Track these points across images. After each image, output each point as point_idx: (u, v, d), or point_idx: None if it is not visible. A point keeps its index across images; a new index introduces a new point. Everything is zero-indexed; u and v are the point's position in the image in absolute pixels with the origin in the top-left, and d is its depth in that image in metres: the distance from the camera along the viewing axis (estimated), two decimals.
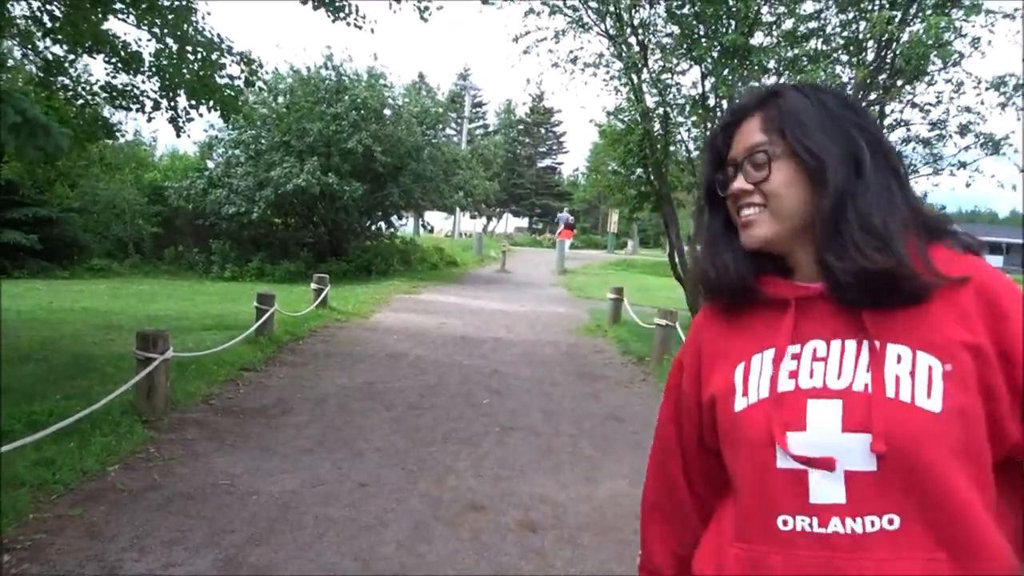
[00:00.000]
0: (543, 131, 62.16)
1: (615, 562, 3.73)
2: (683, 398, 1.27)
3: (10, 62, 6.12)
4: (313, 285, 12.18)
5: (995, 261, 47.06)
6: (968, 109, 10.27)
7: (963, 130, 10.42)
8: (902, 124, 11.05)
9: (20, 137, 2.96)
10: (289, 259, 20.22)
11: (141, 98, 7.01)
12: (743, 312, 1.17)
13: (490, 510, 4.28)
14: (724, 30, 10.25)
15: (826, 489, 1.00)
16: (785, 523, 1.02)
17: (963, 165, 10.61)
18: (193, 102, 6.94)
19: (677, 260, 12.30)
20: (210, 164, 21.17)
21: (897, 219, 1.06)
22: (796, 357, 1.07)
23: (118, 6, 5.99)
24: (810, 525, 1.00)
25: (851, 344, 1.04)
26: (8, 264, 16.40)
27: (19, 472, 4.19)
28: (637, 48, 11.05)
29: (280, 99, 20.02)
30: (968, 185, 10.55)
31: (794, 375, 1.06)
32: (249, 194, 19.30)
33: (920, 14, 9.54)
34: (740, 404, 1.10)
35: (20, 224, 16.46)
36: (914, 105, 10.79)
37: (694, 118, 11.55)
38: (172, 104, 6.96)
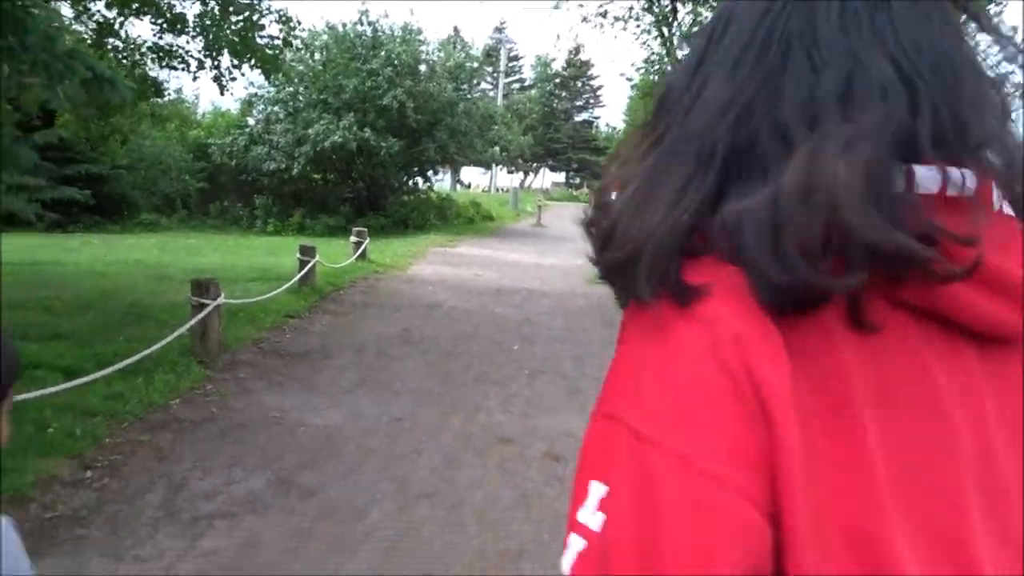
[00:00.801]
0: (579, 84, 61.54)
1: None
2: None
3: (67, 23, 6.48)
4: (352, 238, 12.60)
5: None
6: None
7: None
8: None
9: (91, 91, 3.30)
10: (328, 214, 20.69)
11: (186, 58, 7.36)
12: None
13: (517, 443, 4.65)
14: None
15: None
16: None
17: None
18: (235, 61, 7.29)
19: None
20: (250, 121, 21.62)
21: None
22: None
23: None
24: None
25: None
26: (63, 219, 17.10)
27: (93, 404, 4.65)
28: (667, 1, 11.09)
29: (316, 56, 20.28)
30: None
31: None
32: (289, 150, 19.73)
33: None
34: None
35: (74, 181, 17.10)
36: None
37: None
38: (216, 63, 7.31)
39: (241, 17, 6.81)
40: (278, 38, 7.38)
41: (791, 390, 0.48)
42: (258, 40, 7.00)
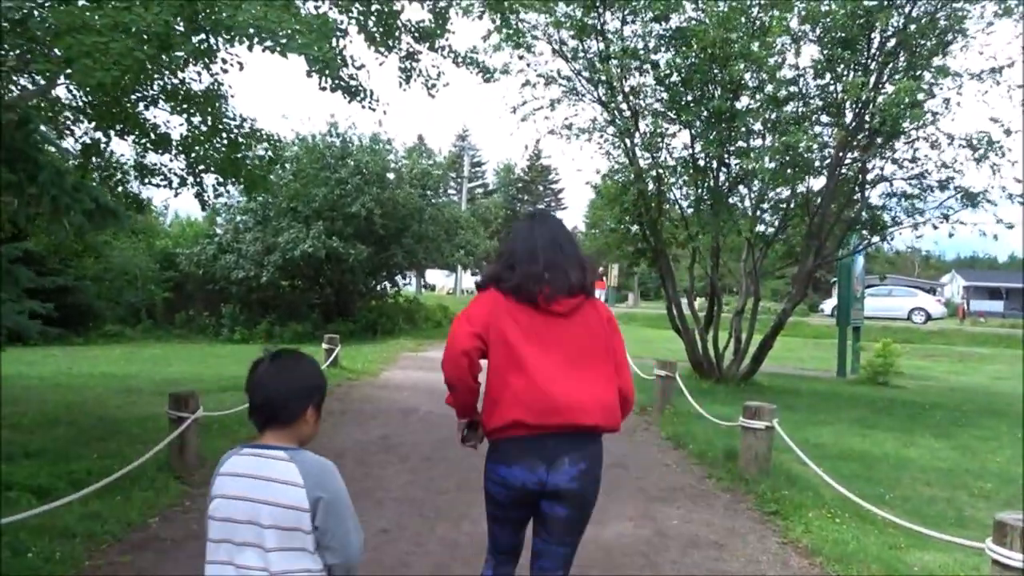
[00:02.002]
0: (541, 189, 63.23)
1: None
2: None
3: (58, 147, 6.64)
4: (324, 345, 12.59)
5: (995, 306, 47.40)
6: (945, 165, 10.84)
7: (942, 185, 10.97)
8: (884, 180, 11.62)
9: (94, 220, 3.41)
10: (297, 320, 20.67)
11: (168, 175, 7.53)
12: None
13: None
14: (710, 96, 10.86)
15: None
16: None
17: (945, 217, 11.13)
18: (220, 179, 7.48)
19: (675, 312, 12.73)
20: (218, 230, 21.79)
21: None
22: None
23: (152, 94, 6.57)
24: None
25: None
26: (23, 334, 16.81)
27: (70, 524, 4.54)
28: (629, 113, 11.68)
29: (287, 166, 20.70)
30: (951, 235, 11.06)
31: None
32: (258, 259, 19.85)
33: (892, 77, 10.16)
34: None
35: (37, 293, 16.93)
36: (894, 161, 11.36)
37: (685, 177, 12.12)
38: (198, 180, 7.49)
39: (228, 138, 7.05)
40: (264, 157, 7.63)
41: (496, 311, 2.70)
42: (246, 160, 7.23)
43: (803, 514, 5.24)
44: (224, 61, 6.44)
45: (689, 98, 11.35)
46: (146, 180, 7.50)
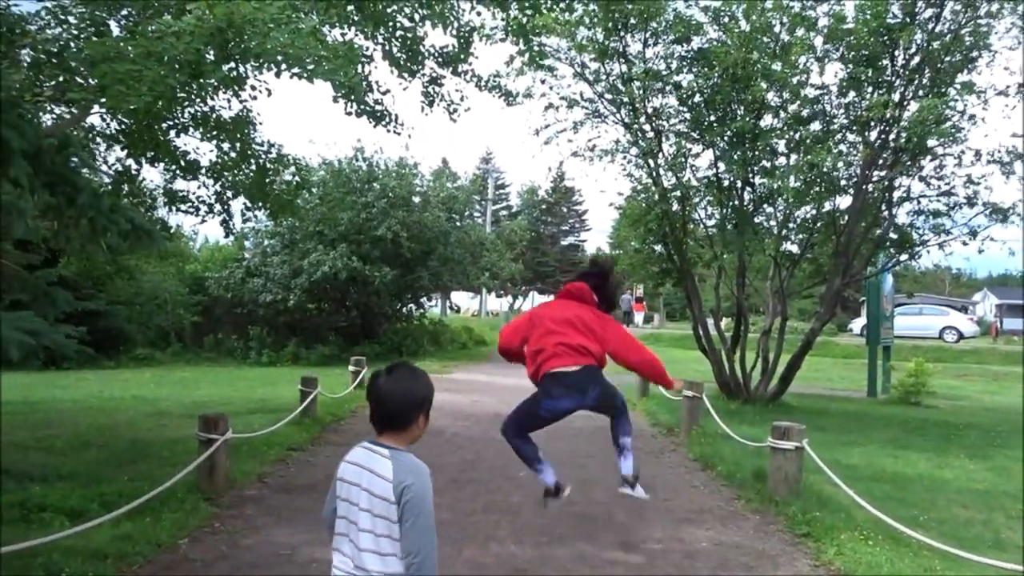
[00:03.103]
0: (565, 210, 63.31)
1: None
2: None
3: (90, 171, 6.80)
4: (351, 367, 12.66)
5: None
6: (973, 181, 10.71)
7: (970, 201, 10.84)
8: (911, 198, 11.50)
9: (130, 241, 3.50)
10: (323, 343, 20.81)
11: (196, 203, 7.67)
12: None
13: (532, 573, 4.59)
14: (733, 116, 10.86)
15: None
16: None
17: (974, 234, 10.99)
18: (248, 204, 7.61)
19: (701, 333, 12.65)
20: (246, 254, 22.07)
21: None
22: None
23: (183, 122, 6.72)
24: None
25: None
26: (57, 356, 17.11)
27: (101, 546, 4.59)
28: (652, 134, 11.70)
29: (314, 190, 20.96)
30: (981, 252, 10.90)
31: None
32: (285, 282, 20.06)
33: (917, 95, 10.10)
34: None
35: (70, 317, 17.24)
36: (921, 179, 11.26)
37: (710, 197, 12.09)
38: (225, 207, 7.61)
39: (257, 165, 7.17)
40: (291, 182, 7.75)
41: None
42: (273, 186, 7.35)
43: (835, 536, 5.16)
44: (253, 88, 6.59)
45: (712, 118, 11.34)
46: (175, 207, 7.63)
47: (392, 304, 22.46)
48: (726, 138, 11.18)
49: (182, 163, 7.23)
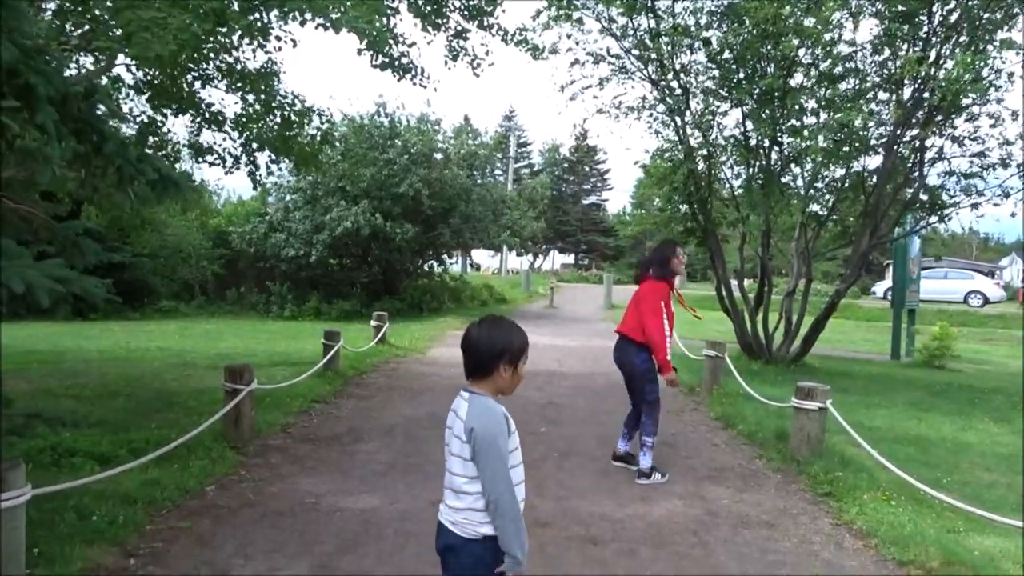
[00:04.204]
0: (587, 169, 62.80)
1: (672, 571, 4.04)
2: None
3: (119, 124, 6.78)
4: (373, 322, 12.72)
5: None
6: (1008, 142, 10.44)
7: (1004, 162, 10.58)
8: (942, 158, 11.24)
9: (158, 191, 3.50)
10: (344, 298, 20.93)
11: (223, 154, 7.65)
12: None
13: (554, 526, 4.64)
14: (763, 73, 10.61)
15: None
16: None
17: (1007, 195, 10.75)
18: (274, 157, 7.59)
19: (724, 293, 12.57)
20: (268, 209, 22.12)
21: None
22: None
23: (208, 73, 6.67)
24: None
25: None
26: (85, 307, 17.36)
27: (130, 490, 4.69)
28: (679, 92, 11.48)
29: (336, 146, 20.89)
30: (1013, 215, 10.68)
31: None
32: (307, 237, 20.12)
33: (954, 52, 9.80)
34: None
35: (96, 269, 17.45)
36: (954, 139, 10.98)
37: (737, 157, 11.90)
38: (251, 159, 7.59)
39: (283, 116, 7.12)
40: (316, 134, 7.70)
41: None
42: (298, 137, 7.31)
43: (857, 496, 5.15)
44: (278, 39, 6.52)
45: (741, 76, 11.10)
46: (200, 158, 7.62)
47: (413, 261, 22.48)
48: (755, 96, 10.95)
49: (207, 115, 7.20)
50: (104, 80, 6.51)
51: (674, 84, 11.58)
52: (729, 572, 4.04)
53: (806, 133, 10.74)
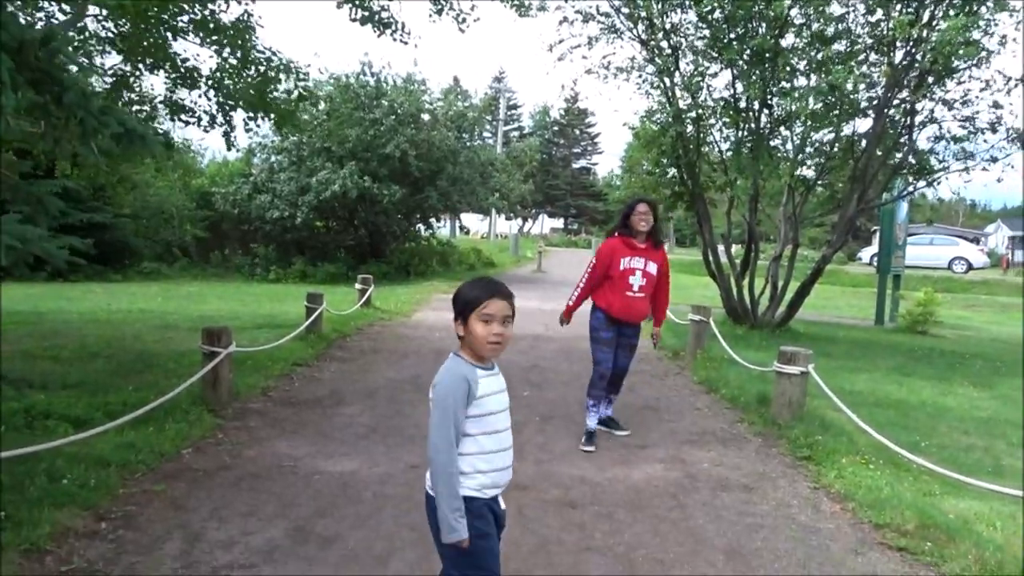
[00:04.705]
0: (577, 132, 62.36)
1: (650, 534, 4.03)
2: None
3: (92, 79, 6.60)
4: (358, 285, 12.64)
5: None
6: (998, 105, 10.35)
7: (993, 126, 10.51)
8: (933, 121, 11.15)
9: (122, 145, 3.37)
10: (331, 261, 20.79)
11: (199, 112, 7.46)
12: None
13: (532, 489, 4.62)
14: (754, 33, 10.45)
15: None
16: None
17: (994, 160, 10.69)
18: (251, 115, 7.40)
19: (711, 258, 12.52)
20: (253, 170, 21.85)
21: None
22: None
23: (181, 25, 6.46)
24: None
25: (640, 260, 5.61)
26: (65, 267, 17.18)
27: (104, 453, 4.62)
28: (669, 52, 11.30)
29: (321, 106, 20.58)
30: (1000, 180, 10.64)
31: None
32: (292, 199, 19.91)
33: (947, 13, 9.66)
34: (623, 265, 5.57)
35: (76, 229, 17.20)
36: (944, 103, 10.88)
37: (726, 119, 11.77)
38: (227, 119, 7.39)
39: (258, 72, 6.93)
40: (294, 91, 7.51)
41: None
42: (275, 94, 7.12)
43: (836, 460, 5.16)
44: None
45: (732, 36, 10.92)
46: (176, 117, 7.43)
47: (400, 224, 22.32)
48: (745, 56, 10.78)
49: (182, 70, 7.00)
50: (75, 33, 6.30)
51: (663, 44, 11.40)
52: (706, 535, 4.03)
53: (796, 95, 10.61)
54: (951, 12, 9.73)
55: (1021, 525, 4.12)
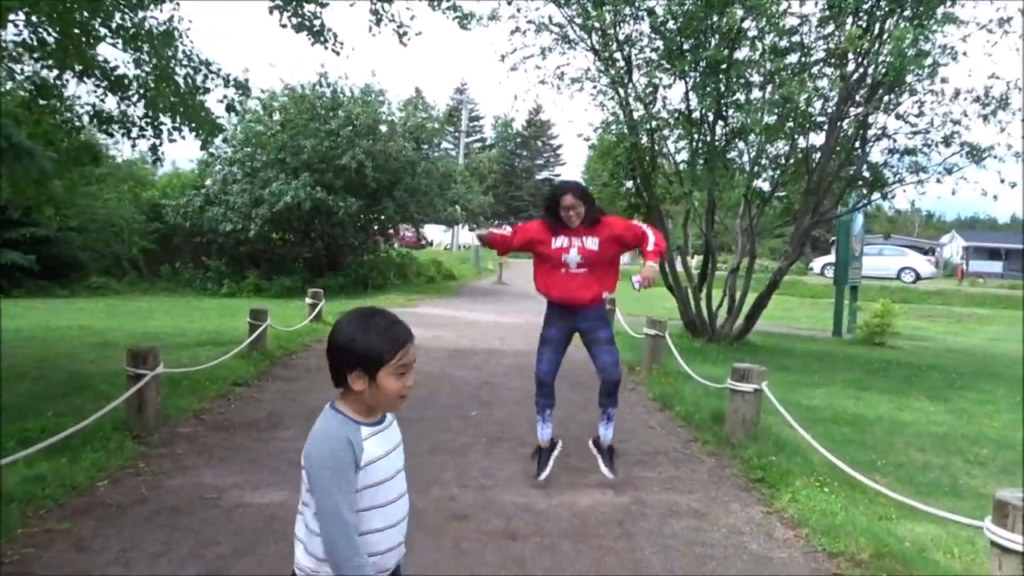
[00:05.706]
0: (540, 144, 62.46)
1: (594, 568, 3.80)
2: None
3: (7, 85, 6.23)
4: (308, 300, 12.30)
5: (994, 267, 47.17)
6: (953, 120, 10.41)
7: (947, 140, 10.55)
8: (886, 136, 11.18)
9: (6, 161, 3.07)
10: (286, 274, 20.35)
11: (127, 123, 7.08)
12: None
13: (472, 519, 4.36)
14: (707, 45, 10.38)
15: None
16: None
17: (948, 172, 10.74)
18: (176, 125, 7.03)
19: (668, 270, 12.40)
20: (208, 182, 21.36)
21: None
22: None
23: (103, 32, 6.12)
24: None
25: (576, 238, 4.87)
26: (6, 284, 16.51)
27: (10, 488, 4.26)
28: (622, 63, 11.19)
29: (275, 116, 20.20)
30: (954, 192, 10.71)
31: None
32: (246, 211, 19.47)
33: (898, 25, 9.68)
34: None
35: (18, 244, 16.58)
36: (898, 116, 10.92)
37: (680, 131, 11.69)
38: (156, 130, 7.02)
39: (184, 80, 6.61)
40: (228, 100, 7.18)
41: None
42: (203, 103, 6.79)
43: (790, 482, 4.98)
44: None
45: (685, 47, 10.84)
46: (103, 128, 7.05)
47: (357, 235, 21.96)
48: (699, 68, 10.70)
49: (110, 79, 6.65)
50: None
51: (617, 55, 11.27)
52: (652, 569, 3.81)
53: (750, 108, 10.55)
54: (901, 24, 9.75)
55: (979, 552, 3.97)
